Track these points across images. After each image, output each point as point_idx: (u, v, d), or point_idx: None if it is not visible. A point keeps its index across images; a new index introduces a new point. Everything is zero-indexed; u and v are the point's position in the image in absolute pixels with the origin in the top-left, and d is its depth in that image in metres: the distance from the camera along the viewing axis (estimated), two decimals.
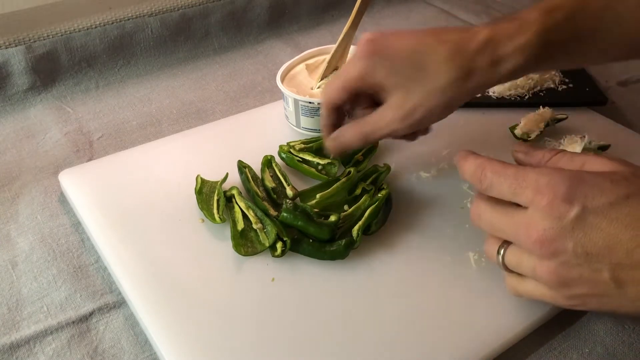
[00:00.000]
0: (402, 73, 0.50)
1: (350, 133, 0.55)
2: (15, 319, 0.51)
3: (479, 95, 0.73)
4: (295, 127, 0.69)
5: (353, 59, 0.52)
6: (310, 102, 0.65)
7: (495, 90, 0.76)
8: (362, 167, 0.64)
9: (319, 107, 0.65)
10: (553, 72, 0.79)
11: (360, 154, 0.66)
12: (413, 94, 0.50)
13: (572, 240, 0.39)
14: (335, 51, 0.68)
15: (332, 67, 0.69)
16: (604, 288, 0.40)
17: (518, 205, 0.43)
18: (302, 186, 0.62)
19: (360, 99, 0.55)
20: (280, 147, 0.65)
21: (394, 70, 0.50)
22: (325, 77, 0.68)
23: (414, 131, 0.56)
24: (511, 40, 0.48)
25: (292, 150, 0.64)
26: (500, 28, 0.49)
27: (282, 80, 0.68)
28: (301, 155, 0.63)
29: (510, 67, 0.49)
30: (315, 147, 0.65)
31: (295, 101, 0.65)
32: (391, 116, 0.51)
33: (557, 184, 0.40)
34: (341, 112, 0.57)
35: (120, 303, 0.53)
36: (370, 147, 0.67)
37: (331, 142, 0.57)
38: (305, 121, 0.67)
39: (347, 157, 0.65)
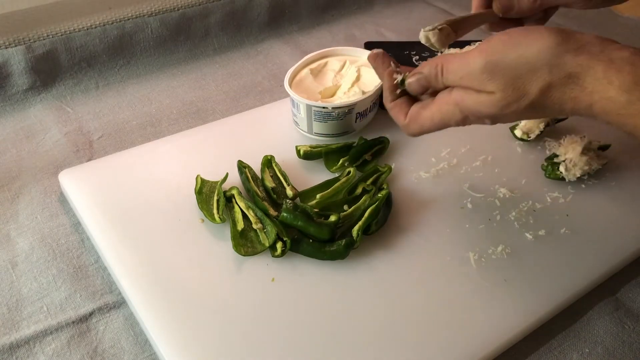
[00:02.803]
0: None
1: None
2: (15, 319, 0.51)
3: None
4: (306, 134, 0.68)
5: None
6: (324, 107, 0.64)
7: None
8: (370, 168, 0.64)
9: (332, 112, 0.65)
10: None
11: (369, 153, 0.66)
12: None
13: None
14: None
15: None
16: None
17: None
18: (302, 186, 0.62)
19: None
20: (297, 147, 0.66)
21: None
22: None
23: None
24: None
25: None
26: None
27: (290, 87, 0.67)
28: None
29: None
30: (324, 151, 0.65)
31: (308, 107, 0.65)
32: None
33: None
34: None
35: (120, 303, 0.53)
36: (380, 148, 0.67)
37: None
38: (318, 126, 0.67)
39: (356, 157, 0.65)
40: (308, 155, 0.65)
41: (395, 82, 0.51)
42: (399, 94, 0.52)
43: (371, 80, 0.69)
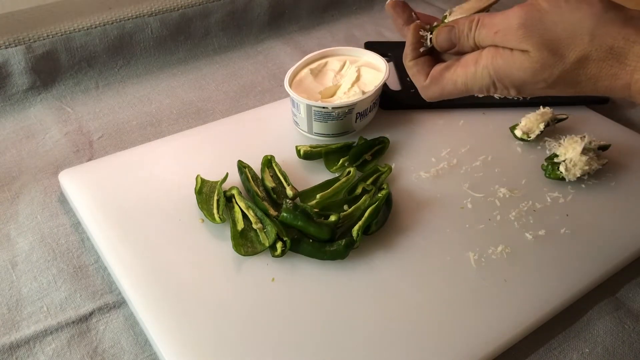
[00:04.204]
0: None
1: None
2: (15, 319, 0.51)
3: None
4: (306, 134, 0.68)
5: None
6: (324, 107, 0.65)
7: None
8: (370, 168, 0.64)
9: (332, 112, 0.65)
10: None
11: (369, 153, 0.66)
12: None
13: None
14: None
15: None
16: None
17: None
18: (302, 186, 0.62)
19: None
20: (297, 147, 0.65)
21: None
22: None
23: None
24: None
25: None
26: None
27: (290, 87, 0.67)
28: None
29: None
30: (324, 151, 0.65)
31: (308, 107, 0.65)
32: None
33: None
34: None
35: (120, 303, 0.53)
36: (380, 147, 0.67)
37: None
38: (318, 126, 0.67)
39: (356, 157, 0.65)
40: (308, 155, 0.65)
41: (422, 38, 0.48)
42: (421, 53, 0.48)
43: (371, 80, 0.69)
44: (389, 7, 0.51)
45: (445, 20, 0.49)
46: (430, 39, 0.48)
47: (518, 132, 0.69)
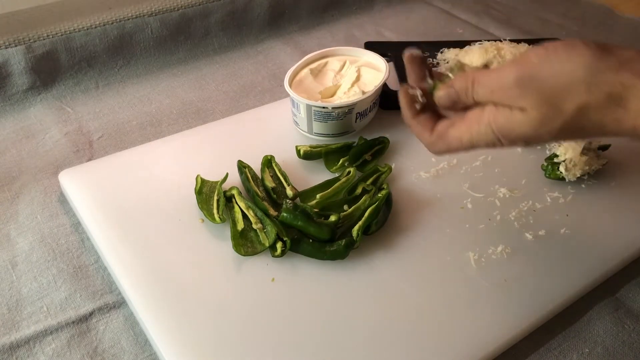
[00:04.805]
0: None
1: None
2: (15, 319, 0.51)
3: None
4: (306, 134, 0.68)
5: None
6: (324, 107, 0.65)
7: None
8: (370, 168, 0.64)
9: (332, 112, 0.65)
10: None
11: (369, 153, 0.66)
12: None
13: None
14: None
15: None
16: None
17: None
18: (302, 186, 0.62)
19: None
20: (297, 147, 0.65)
21: None
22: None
23: None
24: None
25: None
26: None
27: (290, 87, 0.67)
28: None
29: None
30: (324, 151, 0.65)
31: (308, 107, 0.65)
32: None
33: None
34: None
35: (120, 303, 0.53)
36: (380, 147, 0.67)
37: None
38: (318, 126, 0.67)
39: (356, 157, 0.65)
40: (308, 155, 0.65)
41: (413, 96, 0.48)
42: (420, 109, 0.49)
43: (371, 80, 0.69)
44: (406, 59, 0.50)
45: (450, 74, 0.49)
46: (421, 95, 0.48)
47: None
